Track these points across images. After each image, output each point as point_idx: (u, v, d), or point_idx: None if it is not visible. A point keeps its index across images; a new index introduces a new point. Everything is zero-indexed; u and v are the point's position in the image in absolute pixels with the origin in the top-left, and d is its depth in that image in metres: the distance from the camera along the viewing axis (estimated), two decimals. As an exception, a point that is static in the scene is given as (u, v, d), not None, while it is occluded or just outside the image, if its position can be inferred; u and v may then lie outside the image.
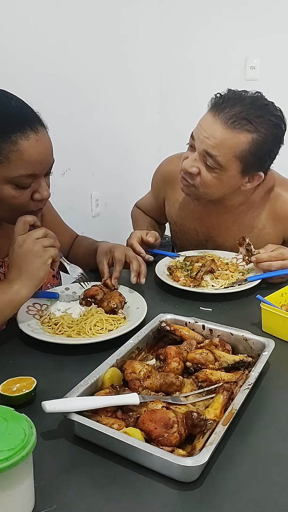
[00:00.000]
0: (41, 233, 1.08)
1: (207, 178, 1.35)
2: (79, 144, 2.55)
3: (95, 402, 0.80)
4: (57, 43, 2.27)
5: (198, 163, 1.35)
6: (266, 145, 1.31)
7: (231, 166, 1.32)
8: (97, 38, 2.55)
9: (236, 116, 1.27)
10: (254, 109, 1.29)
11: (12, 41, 2.03)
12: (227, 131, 1.28)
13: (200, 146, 1.32)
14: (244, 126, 1.27)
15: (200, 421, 0.77)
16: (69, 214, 1.64)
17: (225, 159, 1.30)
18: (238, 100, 1.30)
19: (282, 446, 0.79)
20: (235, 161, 1.31)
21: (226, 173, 1.33)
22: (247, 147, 1.29)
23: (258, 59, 2.90)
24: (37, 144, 1.05)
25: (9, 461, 0.59)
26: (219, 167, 1.32)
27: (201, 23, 2.95)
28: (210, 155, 1.31)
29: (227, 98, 1.31)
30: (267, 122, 1.29)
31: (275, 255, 1.34)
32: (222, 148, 1.29)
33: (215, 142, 1.29)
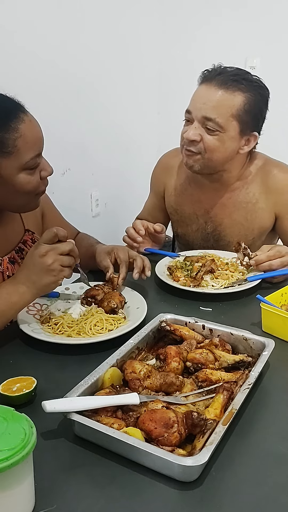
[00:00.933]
0: (66, 249, 1.07)
1: (209, 142, 1.42)
2: (79, 144, 2.55)
3: (95, 402, 0.80)
4: (57, 43, 2.27)
5: (198, 130, 1.42)
6: (258, 104, 1.43)
7: (230, 126, 1.40)
8: (97, 38, 2.54)
9: (228, 78, 1.39)
10: (240, 74, 1.42)
11: (12, 42, 2.03)
12: (222, 92, 1.39)
13: (199, 113, 1.41)
14: (237, 87, 1.39)
15: (200, 421, 0.77)
16: (69, 214, 1.63)
17: (224, 119, 1.39)
18: (224, 70, 1.43)
19: (282, 446, 0.79)
20: (233, 120, 1.40)
21: (227, 134, 1.41)
22: (242, 106, 1.39)
23: (258, 59, 2.90)
24: (32, 124, 1.09)
25: (9, 461, 0.59)
26: (219, 128, 1.40)
27: (201, 23, 2.95)
28: (210, 119, 1.39)
29: (215, 69, 1.44)
30: (253, 84, 1.42)
31: (273, 254, 1.35)
32: (220, 109, 1.39)
33: (212, 105, 1.39)
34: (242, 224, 1.59)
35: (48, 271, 1.05)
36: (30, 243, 1.31)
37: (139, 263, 1.30)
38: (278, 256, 1.34)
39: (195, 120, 1.42)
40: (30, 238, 1.32)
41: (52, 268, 1.05)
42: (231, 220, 1.59)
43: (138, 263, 1.30)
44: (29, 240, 1.32)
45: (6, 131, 1.04)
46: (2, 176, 1.07)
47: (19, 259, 1.27)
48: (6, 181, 1.08)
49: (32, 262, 1.06)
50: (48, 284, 1.07)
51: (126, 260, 1.30)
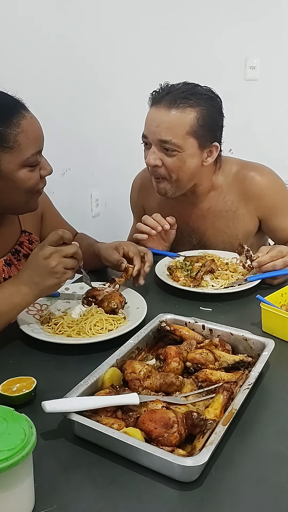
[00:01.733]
0: (70, 252, 1.07)
1: (171, 165, 1.41)
2: (79, 144, 2.55)
3: (95, 402, 0.80)
4: (57, 43, 2.27)
5: (158, 155, 1.42)
6: (211, 115, 1.41)
7: (187, 144, 1.39)
8: (97, 39, 2.55)
9: (176, 98, 1.37)
10: (188, 90, 1.40)
11: (12, 41, 2.03)
12: (173, 113, 1.37)
13: (154, 137, 1.40)
14: (185, 104, 1.37)
15: (200, 421, 0.77)
16: (69, 214, 1.63)
17: (180, 139, 1.38)
18: (171, 88, 1.41)
19: (282, 446, 0.79)
20: (189, 138, 1.39)
21: (186, 153, 1.40)
22: (195, 121, 1.38)
23: (258, 59, 2.90)
24: (33, 121, 1.10)
25: (9, 461, 0.59)
26: (177, 148, 1.39)
27: (201, 23, 2.95)
28: (165, 141, 1.38)
29: (161, 90, 1.42)
30: (203, 97, 1.40)
31: (275, 254, 1.34)
32: (173, 130, 1.37)
33: (165, 127, 1.37)
34: (225, 232, 1.59)
35: (51, 273, 1.05)
36: (27, 244, 1.30)
37: (150, 257, 1.32)
38: (280, 257, 1.34)
39: (152, 144, 1.42)
40: (27, 239, 1.32)
41: (55, 270, 1.05)
42: (214, 229, 1.59)
43: (150, 257, 1.32)
44: (25, 241, 1.31)
45: (7, 126, 1.04)
46: (3, 171, 1.07)
47: (16, 261, 1.27)
48: (7, 176, 1.08)
49: (36, 263, 1.06)
50: (51, 286, 1.07)
51: (137, 253, 1.31)
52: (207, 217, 1.59)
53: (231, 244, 1.57)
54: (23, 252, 1.30)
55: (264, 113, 2.92)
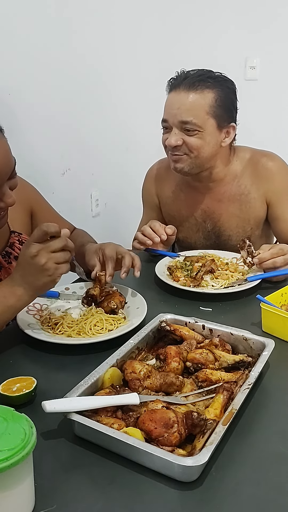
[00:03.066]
0: (59, 246, 1.02)
1: (192, 143, 1.47)
2: (79, 144, 2.55)
3: (95, 402, 0.80)
4: (57, 42, 2.27)
5: (179, 135, 1.47)
6: (228, 96, 1.48)
7: (207, 124, 1.45)
8: (97, 38, 2.55)
9: (193, 81, 1.44)
10: (204, 73, 1.47)
11: (12, 41, 2.03)
12: (192, 95, 1.44)
13: (175, 119, 1.46)
14: (203, 86, 1.44)
15: (200, 421, 0.77)
16: (69, 214, 1.63)
17: (200, 119, 1.44)
18: (188, 74, 1.48)
19: (282, 446, 0.79)
20: (209, 118, 1.45)
21: (206, 132, 1.46)
22: (214, 102, 1.45)
23: (258, 59, 2.90)
24: None
25: (9, 461, 0.59)
26: (198, 128, 1.45)
27: (201, 23, 2.95)
28: (186, 122, 1.44)
29: (179, 75, 1.49)
30: (219, 79, 1.48)
31: (276, 252, 1.35)
32: (194, 111, 1.44)
33: (186, 108, 1.44)
34: (238, 216, 1.63)
35: (42, 271, 1.01)
36: (18, 244, 1.28)
37: (127, 262, 1.25)
38: (281, 254, 1.35)
39: (173, 127, 1.47)
40: (17, 239, 1.29)
41: (46, 267, 1.00)
42: (228, 213, 1.63)
43: (126, 261, 1.24)
44: (16, 241, 1.28)
45: None
46: None
47: (6, 264, 1.24)
48: None
49: (26, 263, 1.02)
50: (45, 284, 1.03)
51: (111, 256, 1.26)
52: (222, 201, 1.63)
53: (243, 229, 1.63)
54: (14, 254, 1.27)
55: (264, 113, 2.92)
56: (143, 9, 2.86)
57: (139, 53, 2.91)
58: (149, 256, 1.61)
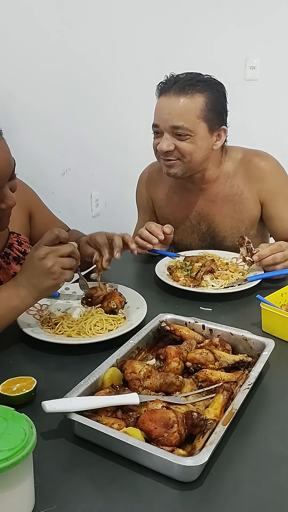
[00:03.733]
0: (67, 251, 1.03)
1: (184, 147, 1.46)
2: (79, 144, 2.55)
3: (95, 402, 0.80)
4: (57, 42, 2.27)
5: (170, 140, 1.46)
6: (218, 99, 1.48)
7: (199, 128, 1.45)
8: (98, 38, 2.55)
9: (183, 85, 1.43)
10: (193, 77, 1.47)
11: (12, 40, 2.03)
12: (183, 99, 1.43)
13: (166, 124, 1.45)
14: (194, 90, 1.43)
15: (200, 421, 0.77)
16: (69, 214, 1.64)
17: (191, 123, 1.44)
18: (177, 78, 1.47)
19: (282, 446, 0.79)
20: (200, 121, 1.45)
21: (197, 136, 1.46)
22: (204, 106, 1.44)
23: (258, 59, 2.90)
24: None
25: (9, 461, 0.59)
26: (189, 132, 1.44)
27: (202, 23, 2.95)
28: (178, 126, 1.44)
29: (169, 80, 1.48)
30: (208, 83, 1.48)
31: (275, 248, 1.36)
32: (185, 115, 1.43)
33: (177, 113, 1.43)
34: (232, 217, 1.63)
35: (48, 274, 1.02)
36: (17, 245, 1.28)
37: (117, 243, 1.28)
38: (280, 250, 1.35)
39: (164, 132, 1.46)
40: (16, 240, 1.29)
41: (52, 271, 1.02)
42: (222, 215, 1.63)
43: (116, 242, 1.28)
44: (15, 242, 1.29)
45: None
46: None
47: (5, 265, 1.24)
48: None
49: (32, 265, 1.03)
50: (49, 287, 1.04)
51: (104, 242, 1.29)
52: (216, 202, 1.63)
53: (238, 229, 1.63)
54: (13, 254, 1.27)
55: (264, 113, 2.92)
56: (143, 9, 2.86)
57: (139, 53, 2.91)
58: (149, 256, 1.61)
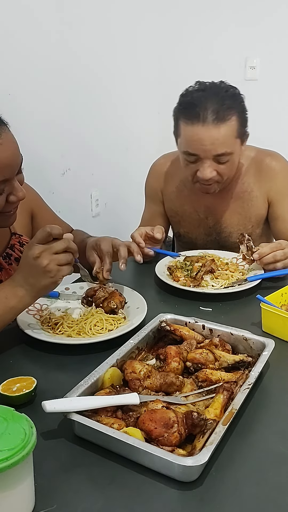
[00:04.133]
0: (61, 247, 1.01)
1: (225, 171, 1.48)
2: (79, 144, 2.55)
3: (95, 402, 0.80)
4: (57, 42, 2.27)
5: (212, 167, 1.46)
6: (244, 110, 1.49)
7: (236, 146, 1.47)
8: (98, 38, 2.55)
9: (219, 111, 1.40)
10: (224, 96, 1.43)
11: (12, 41, 2.03)
12: (222, 127, 1.41)
13: (209, 154, 1.43)
14: (229, 113, 1.42)
15: (200, 421, 0.77)
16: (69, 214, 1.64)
17: (231, 146, 1.44)
18: (206, 101, 1.41)
19: (282, 446, 0.79)
20: (236, 140, 1.46)
21: (235, 154, 1.48)
22: (239, 124, 1.45)
23: (258, 59, 2.90)
24: (2, 148, 1.00)
25: (9, 461, 0.59)
26: (230, 155, 1.45)
27: (202, 23, 2.95)
28: (221, 154, 1.43)
29: (201, 104, 1.40)
30: (236, 97, 1.47)
31: (275, 246, 1.36)
32: (227, 142, 1.43)
33: (219, 143, 1.41)
34: (240, 214, 1.64)
35: (45, 272, 1.00)
36: (18, 246, 1.28)
37: (123, 253, 1.26)
38: (280, 248, 1.36)
39: (204, 159, 1.44)
40: (18, 241, 1.29)
41: (48, 269, 1.00)
42: (230, 211, 1.64)
43: (122, 253, 1.26)
44: (16, 243, 1.29)
45: None
46: None
47: (7, 265, 1.24)
48: None
49: (28, 264, 1.01)
50: (47, 285, 1.03)
51: (108, 251, 1.27)
52: (226, 198, 1.64)
53: (244, 226, 1.64)
54: (14, 255, 1.27)
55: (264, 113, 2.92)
56: (142, 9, 2.86)
57: (139, 53, 2.91)
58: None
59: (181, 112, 1.46)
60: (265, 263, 1.36)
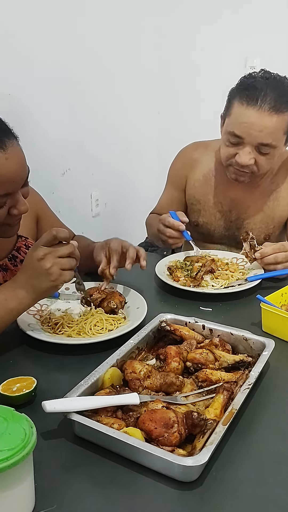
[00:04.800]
0: (66, 252, 1.01)
1: (263, 162, 1.47)
2: (79, 144, 2.55)
3: (95, 402, 0.80)
4: (57, 42, 2.27)
5: (252, 154, 1.45)
6: None
7: (281, 142, 1.47)
8: (97, 38, 2.55)
9: (277, 101, 1.39)
10: (286, 89, 1.42)
11: (12, 41, 2.03)
12: (276, 118, 1.40)
13: (254, 140, 1.43)
14: (285, 107, 1.41)
15: (200, 421, 0.77)
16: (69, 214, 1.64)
17: (278, 140, 1.44)
18: (267, 89, 1.40)
19: (282, 446, 0.79)
20: (284, 136, 1.46)
21: (278, 149, 1.47)
22: None
23: (258, 59, 2.90)
24: (6, 163, 0.99)
25: (9, 461, 0.59)
26: (273, 148, 1.45)
27: (202, 23, 2.95)
28: (266, 144, 1.43)
29: (261, 89, 1.40)
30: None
31: (278, 247, 1.36)
32: (276, 134, 1.42)
33: (268, 132, 1.41)
34: (265, 212, 1.64)
35: (47, 275, 1.00)
36: (24, 249, 1.29)
37: (131, 254, 1.26)
38: (282, 250, 1.36)
39: (247, 145, 1.44)
40: (24, 244, 1.30)
41: (50, 272, 0.99)
42: (256, 207, 1.64)
43: (130, 253, 1.26)
44: (22, 246, 1.29)
45: None
46: None
47: (12, 267, 1.25)
48: None
49: (31, 266, 1.01)
50: (48, 288, 1.02)
51: (116, 249, 1.26)
52: (254, 193, 1.64)
53: (267, 225, 1.65)
54: (20, 257, 1.27)
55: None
56: (142, 10, 2.86)
57: (139, 53, 2.91)
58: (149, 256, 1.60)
59: (239, 92, 1.44)
60: (266, 263, 1.36)
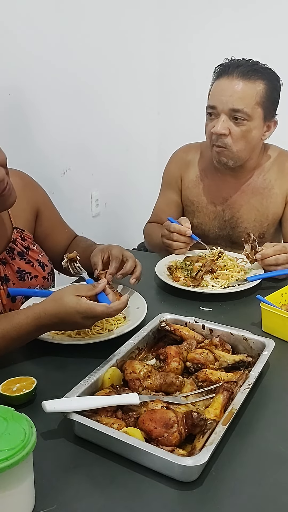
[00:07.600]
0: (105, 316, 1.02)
1: (238, 133, 1.49)
2: (79, 144, 2.55)
3: (95, 402, 0.80)
4: (57, 42, 2.27)
5: (226, 124, 1.48)
6: (275, 89, 1.52)
7: (256, 114, 1.48)
8: (97, 38, 2.54)
9: (247, 70, 1.47)
10: (255, 63, 1.51)
11: (12, 42, 2.03)
12: (246, 83, 1.46)
13: (225, 106, 1.46)
14: (256, 76, 1.47)
15: (200, 421, 0.77)
16: (69, 214, 1.63)
17: (250, 108, 1.46)
18: (240, 62, 1.50)
19: (282, 446, 0.79)
20: (258, 108, 1.48)
21: (253, 123, 1.48)
22: (264, 93, 1.47)
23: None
24: None
25: (9, 461, 0.59)
26: (247, 117, 1.47)
27: (202, 23, 2.95)
28: (238, 110, 1.45)
29: (233, 62, 1.50)
30: (268, 71, 1.52)
31: (279, 249, 1.36)
32: (246, 99, 1.45)
33: (239, 96, 1.45)
34: (258, 210, 1.64)
35: (81, 327, 1.04)
36: (20, 240, 1.29)
37: (128, 267, 1.22)
38: (284, 252, 1.36)
39: (221, 114, 1.48)
40: (20, 235, 1.30)
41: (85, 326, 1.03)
42: (249, 206, 1.65)
43: (128, 266, 1.23)
44: (18, 237, 1.29)
45: None
46: None
47: (10, 260, 1.25)
48: None
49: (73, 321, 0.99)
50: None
51: (117, 256, 1.24)
52: (246, 192, 1.65)
53: (261, 223, 1.65)
54: (17, 250, 1.27)
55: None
56: (142, 9, 2.86)
57: (138, 54, 2.91)
58: (149, 256, 1.61)
59: (215, 72, 1.53)
60: (267, 264, 1.36)
